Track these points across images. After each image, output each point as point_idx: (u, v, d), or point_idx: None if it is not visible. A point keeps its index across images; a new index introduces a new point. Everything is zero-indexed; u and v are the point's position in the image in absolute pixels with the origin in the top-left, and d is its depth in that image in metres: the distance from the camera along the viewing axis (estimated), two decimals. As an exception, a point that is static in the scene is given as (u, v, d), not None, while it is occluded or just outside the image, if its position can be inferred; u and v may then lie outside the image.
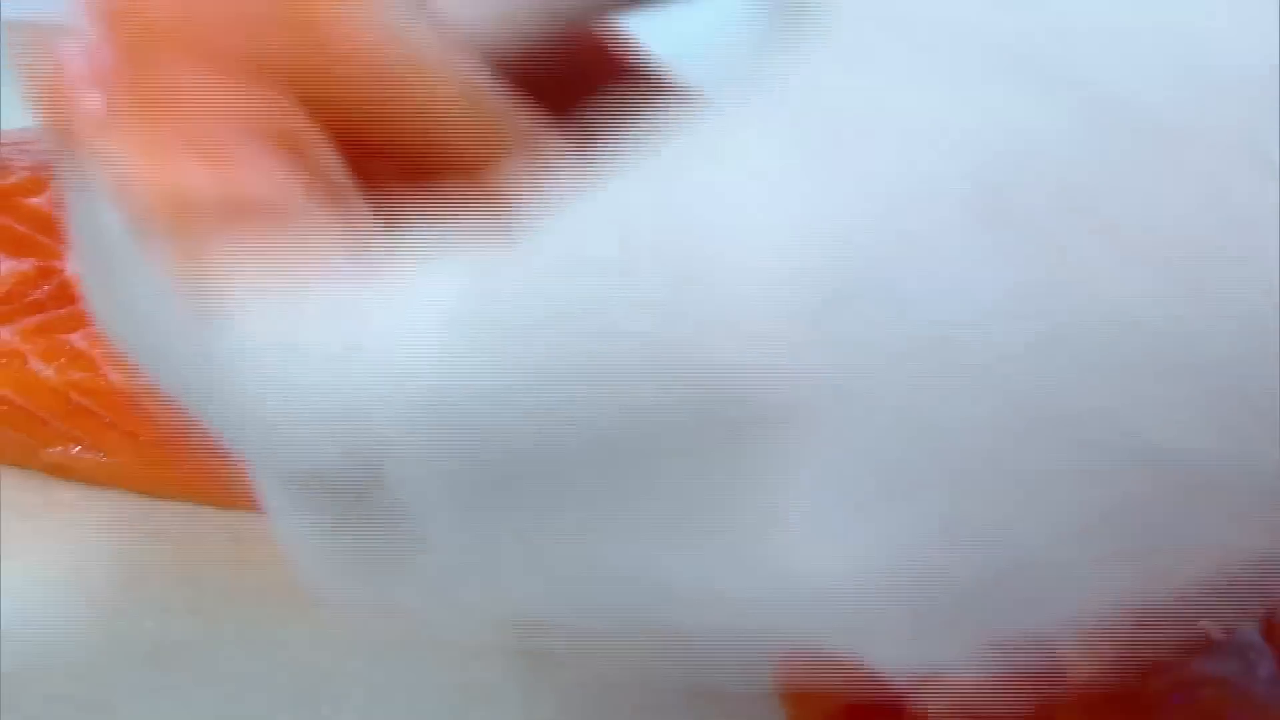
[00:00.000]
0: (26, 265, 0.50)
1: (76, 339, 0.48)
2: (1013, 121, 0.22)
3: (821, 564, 0.23)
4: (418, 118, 0.29)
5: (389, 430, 0.25)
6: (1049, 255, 0.21)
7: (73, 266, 0.49)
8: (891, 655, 0.25)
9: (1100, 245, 0.21)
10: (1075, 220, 0.21)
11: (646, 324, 0.23)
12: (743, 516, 0.24)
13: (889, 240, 0.22)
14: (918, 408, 0.22)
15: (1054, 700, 0.30)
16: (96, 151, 0.27)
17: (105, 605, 0.46)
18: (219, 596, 0.46)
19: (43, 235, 0.51)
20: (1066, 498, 0.22)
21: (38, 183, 0.52)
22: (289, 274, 0.26)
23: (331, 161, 0.28)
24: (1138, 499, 0.22)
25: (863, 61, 0.23)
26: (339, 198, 0.27)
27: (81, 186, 0.27)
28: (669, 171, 0.24)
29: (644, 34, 0.34)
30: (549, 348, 0.24)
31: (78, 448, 0.49)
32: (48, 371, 0.48)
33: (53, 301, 0.49)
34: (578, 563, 0.26)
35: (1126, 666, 0.32)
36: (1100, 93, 0.22)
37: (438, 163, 0.29)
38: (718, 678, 0.31)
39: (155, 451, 0.48)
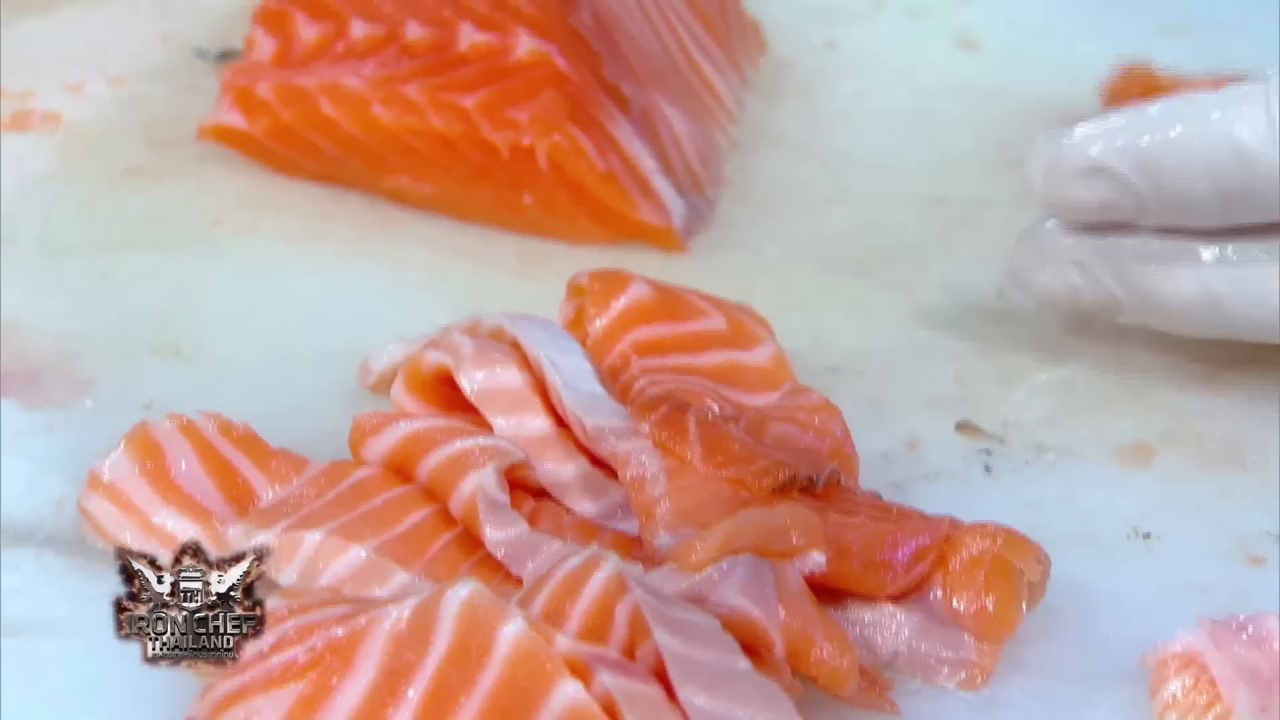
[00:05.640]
0: (378, 29, 0.60)
1: (410, 90, 0.58)
2: None
3: None
4: None
5: None
6: None
7: (414, 32, 0.58)
8: None
9: None
10: None
11: None
12: None
13: None
14: None
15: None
16: None
17: (412, 301, 0.57)
18: (500, 303, 0.56)
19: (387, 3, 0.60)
20: None
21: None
22: None
23: None
24: None
25: None
26: None
27: None
28: None
29: None
30: None
31: (407, 178, 0.59)
32: (386, 116, 0.58)
33: (393, 58, 0.59)
34: None
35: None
36: None
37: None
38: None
39: (466, 184, 0.59)
